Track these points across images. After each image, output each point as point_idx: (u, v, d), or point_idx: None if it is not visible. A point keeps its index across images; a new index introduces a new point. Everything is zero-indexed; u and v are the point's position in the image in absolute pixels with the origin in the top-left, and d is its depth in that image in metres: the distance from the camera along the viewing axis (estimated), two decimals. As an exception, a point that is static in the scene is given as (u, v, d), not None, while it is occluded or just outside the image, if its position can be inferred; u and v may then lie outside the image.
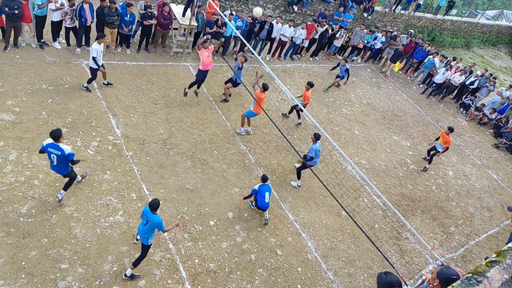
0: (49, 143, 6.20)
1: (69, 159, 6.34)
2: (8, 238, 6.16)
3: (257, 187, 7.79)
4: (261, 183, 7.87)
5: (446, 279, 3.70)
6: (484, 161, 13.71)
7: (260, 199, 7.81)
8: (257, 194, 7.82)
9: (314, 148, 8.80)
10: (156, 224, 5.75)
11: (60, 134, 6.15)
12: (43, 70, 9.68)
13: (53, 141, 6.17)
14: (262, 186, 7.82)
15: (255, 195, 7.88)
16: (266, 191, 7.82)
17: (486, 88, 16.05)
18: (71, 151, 6.30)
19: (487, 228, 10.67)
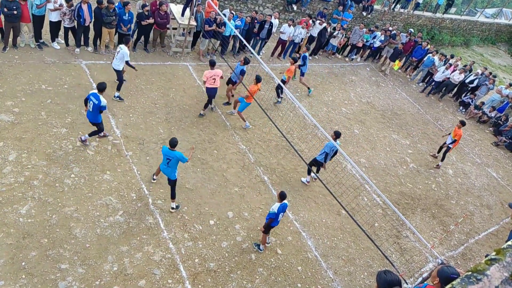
0: (93, 92, 7.51)
1: (101, 110, 7.56)
2: (8, 239, 6.16)
3: (276, 209, 6.81)
4: (279, 202, 6.91)
5: (446, 278, 3.71)
6: (483, 159, 13.72)
7: (275, 221, 7.06)
8: (275, 217, 6.94)
9: (329, 145, 8.71)
10: (179, 158, 7.01)
11: (104, 87, 7.52)
12: (42, 70, 9.67)
13: (97, 91, 7.46)
14: (280, 207, 6.86)
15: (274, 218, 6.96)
16: (281, 212, 6.96)
17: (486, 86, 16.06)
18: (105, 104, 7.49)
19: (487, 226, 10.68)
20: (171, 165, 7.07)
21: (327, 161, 9.17)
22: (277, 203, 6.88)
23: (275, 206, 6.83)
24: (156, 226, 7.23)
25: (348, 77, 15.46)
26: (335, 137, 8.74)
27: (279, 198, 6.93)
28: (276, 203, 6.91)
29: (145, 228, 7.12)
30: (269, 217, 6.94)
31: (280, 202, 6.88)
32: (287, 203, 7.10)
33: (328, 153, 8.88)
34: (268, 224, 7.04)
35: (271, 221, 6.97)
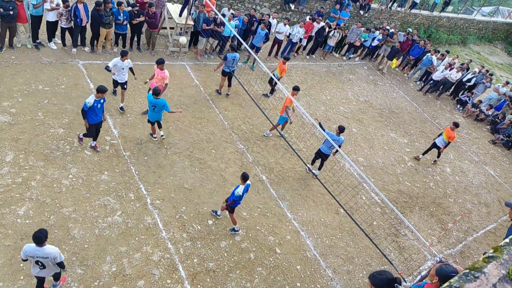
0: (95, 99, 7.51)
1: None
2: (6, 240, 6.14)
3: (241, 192, 6.97)
4: (243, 184, 7.05)
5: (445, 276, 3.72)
6: (481, 157, 13.76)
7: (238, 201, 7.26)
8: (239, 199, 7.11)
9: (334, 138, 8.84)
10: (162, 105, 8.09)
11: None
12: (39, 70, 9.63)
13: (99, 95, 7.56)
14: (244, 189, 7.07)
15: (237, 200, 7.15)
16: (246, 192, 7.20)
17: (483, 85, 16.11)
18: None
19: (485, 224, 10.72)
20: (156, 111, 8.29)
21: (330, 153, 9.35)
22: (241, 185, 7.02)
23: (239, 189, 6.97)
24: (154, 226, 7.22)
25: (346, 76, 15.47)
26: (339, 132, 8.93)
27: (242, 180, 7.05)
28: (240, 185, 7.02)
29: (144, 228, 7.11)
30: (232, 198, 7.09)
31: (244, 184, 7.05)
32: (250, 184, 7.30)
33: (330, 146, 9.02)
34: (229, 204, 7.24)
35: (233, 202, 7.17)
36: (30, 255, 4.98)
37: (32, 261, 5.06)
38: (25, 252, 4.98)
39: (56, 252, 5.03)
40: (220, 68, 10.90)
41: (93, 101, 7.42)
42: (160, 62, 8.92)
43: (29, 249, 4.96)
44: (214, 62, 12.78)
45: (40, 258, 5.02)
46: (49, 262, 5.08)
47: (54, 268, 5.25)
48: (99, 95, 7.49)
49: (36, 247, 4.94)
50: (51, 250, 5.01)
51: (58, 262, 5.11)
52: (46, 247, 4.98)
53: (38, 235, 4.90)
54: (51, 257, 5.02)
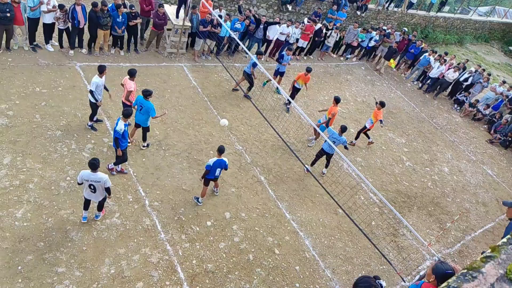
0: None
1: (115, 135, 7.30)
2: (4, 243, 6.12)
3: (211, 163, 7.33)
4: (217, 158, 7.41)
5: (441, 274, 3.72)
6: (479, 156, 13.81)
7: (212, 173, 7.53)
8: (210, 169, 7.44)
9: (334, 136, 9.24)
10: (148, 108, 7.78)
11: (130, 113, 7.28)
12: (36, 73, 9.61)
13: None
14: (216, 162, 7.39)
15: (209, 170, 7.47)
16: (218, 167, 7.49)
17: (480, 84, 16.16)
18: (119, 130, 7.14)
19: (483, 223, 10.75)
20: (143, 112, 8.03)
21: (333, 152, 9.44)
22: (215, 157, 7.44)
23: (211, 160, 7.37)
24: (153, 228, 7.21)
25: (343, 76, 15.50)
26: (341, 132, 9.13)
27: (217, 153, 7.44)
28: (214, 157, 7.46)
29: (142, 230, 7.10)
30: (206, 168, 7.48)
31: (218, 157, 7.42)
32: (226, 161, 7.56)
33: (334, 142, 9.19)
34: (204, 175, 7.57)
35: (206, 172, 7.49)
36: (85, 179, 6.14)
37: (86, 184, 6.22)
38: (81, 176, 6.14)
39: (106, 177, 6.22)
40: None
41: (124, 127, 7.23)
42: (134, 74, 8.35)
43: (85, 174, 6.12)
44: (211, 63, 12.79)
45: (93, 181, 6.17)
46: (99, 186, 6.24)
47: (102, 193, 6.43)
48: (126, 119, 7.24)
49: (90, 172, 6.10)
50: (103, 175, 6.19)
51: (107, 187, 6.28)
52: (99, 173, 6.16)
53: (92, 161, 6.06)
54: (102, 181, 6.17)
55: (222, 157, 7.49)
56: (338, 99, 10.22)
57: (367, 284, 3.86)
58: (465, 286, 1.72)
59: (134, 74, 8.34)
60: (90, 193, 6.38)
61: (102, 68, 8.05)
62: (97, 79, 8.03)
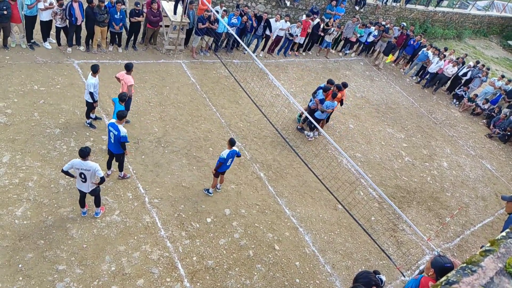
0: (110, 122, 7.07)
1: (122, 141, 7.04)
2: (4, 241, 6.12)
3: (225, 155, 7.37)
4: (229, 150, 7.45)
5: (440, 268, 3.73)
6: (478, 151, 13.82)
7: (224, 165, 7.63)
8: (224, 162, 7.52)
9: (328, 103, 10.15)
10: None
11: (124, 115, 7.04)
12: (34, 70, 9.58)
13: (115, 121, 7.02)
14: (230, 153, 7.44)
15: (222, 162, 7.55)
16: (231, 158, 7.61)
17: (479, 79, 16.15)
18: (125, 135, 6.98)
19: (482, 217, 10.78)
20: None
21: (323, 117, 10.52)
22: (227, 149, 7.45)
23: (224, 152, 7.40)
24: (153, 225, 7.22)
25: (342, 72, 15.48)
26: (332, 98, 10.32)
27: (228, 145, 7.47)
28: (226, 149, 7.46)
29: (142, 227, 7.11)
30: (219, 161, 7.49)
31: (230, 149, 7.47)
32: (237, 150, 7.67)
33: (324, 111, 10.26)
34: (217, 168, 7.62)
35: (220, 165, 7.54)
36: (76, 167, 6.11)
37: (77, 172, 6.19)
38: (72, 164, 6.09)
39: (97, 166, 6.17)
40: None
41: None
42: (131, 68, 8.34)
43: (76, 162, 6.10)
44: (210, 60, 12.76)
45: (84, 170, 6.13)
46: (90, 175, 6.19)
47: (92, 184, 6.37)
48: (119, 121, 7.01)
49: (81, 160, 6.07)
50: (93, 164, 6.17)
51: (101, 177, 6.22)
52: (89, 162, 6.14)
53: (83, 149, 6.06)
54: (92, 170, 6.14)
55: (234, 148, 7.56)
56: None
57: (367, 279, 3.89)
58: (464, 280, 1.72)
59: (131, 68, 8.36)
60: (81, 183, 6.32)
61: (95, 68, 8.01)
62: (93, 79, 8.03)
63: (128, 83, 8.26)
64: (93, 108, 8.61)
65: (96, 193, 6.64)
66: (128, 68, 8.33)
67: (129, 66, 8.34)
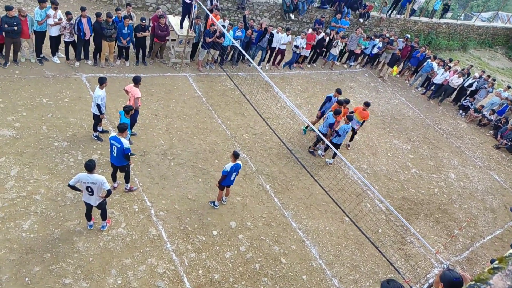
0: (112, 135, 7.04)
1: (126, 153, 7.04)
2: (11, 254, 6.14)
3: (228, 168, 7.38)
4: (233, 163, 7.44)
5: (449, 282, 3.68)
6: (485, 162, 13.70)
7: (227, 178, 7.63)
8: (227, 175, 7.51)
9: (343, 128, 9.93)
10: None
11: (125, 128, 7.02)
12: (42, 84, 9.73)
13: (116, 134, 7.02)
14: (233, 167, 7.45)
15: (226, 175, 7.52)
16: (234, 172, 7.60)
17: (485, 90, 16.10)
18: (128, 147, 7.02)
19: (491, 229, 10.63)
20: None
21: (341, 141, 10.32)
22: (231, 162, 7.44)
23: (228, 165, 7.40)
24: (159, 238, 7.21)
25: (347, 83, 15.52)
26: (348, 121, 9.97)
27: (232, 157, 7.44)
28: (230, 162, 7.46)
29: (148, 240, 7.10)
30: (222, 174, 7.50)
31: (234, 162, 7.45)
32: (240, 164, 7.67)
33: (340, 134, 10.00)
34: (221, 181, 7.62)
35: (223, 178, 7.53)
36: (82, 181, 6.12)
37: (83, 186, 6.19)
38: (78, 178, 6.11)
39: (103, 179, 6.20)
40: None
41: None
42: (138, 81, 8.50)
43: (82, 176, 6.12)
44: (215, 73, 12.88)
45: (90, 183, 6.15)
46: (97, 188, 6.21)
47: (99, 197, 6.39)
48: (120, 134, 7.02)
49: (87, 174, 6.10)
50: (99, 177, 6.19)
51: (107, 189, 6.24)
52: (95, 175, 6.17)
53: (88, 163, 6.10)
54: (99, 183, 6.17)
55: (237, 162, 7.55)
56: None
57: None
58: None
59: (139, 81, 8.54)
60: (89, 196, 6.33)
61: (102, 80, 8.16)
62: (100, 91, 8.15)
63: (135, 96, 8.36)
64: (100, 120, 8.71)
65: (102, 206, 6.66)
66: (136, 81, 8.46)
67: (137, 79, 8.48)
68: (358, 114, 10.97)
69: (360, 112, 10.94)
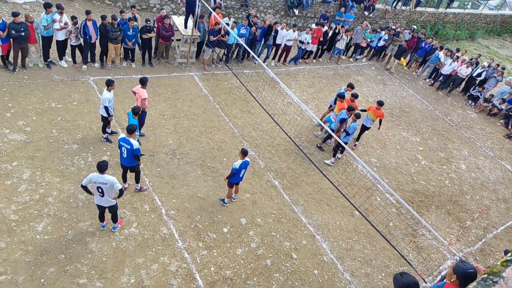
0: (121, 137, 7.13)
1: (136, 154, 7.11)
2: (26, 256, 6.25)
3: (238, 166, 7.42)
4: (241, 160, 7.48)
5: (463, 274, 3.65)
6: (496, 152, 13.52)
7: (236, 176, 7.68)
8: (236, 172, 7.55)
9: (353, 126, 9.74)
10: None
11: (134, 129, 7.10)
12: (51, 89, 9.85)
13: (125, 135, 7.06)
14: (242, 164, 7.50)
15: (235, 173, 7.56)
16: (243, 169, 7.66)
17: (494, 79, 15.86)
18: (138, 147, 7.10)
19: (504, 220, 10.50)
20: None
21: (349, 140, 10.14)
22: (240, 160, 7.49)
23: (237, 163, 7.43)
24: (170, 236, 7.27)
25: (354, 77, 15.42)
26: (356, 119, 9.75)
27: (241, 155, 7.51)
28: (239, 160, 7.50)
29: (160, 239, 7.17)
30: (231, 172, 7.53)
31: (242, 159, 7.51)
32: (249, 161, 7.70)
33: (350, 133, 9.85)
34: (229, 177, 7.65)
35: (232, 175, 7.55)
36: (93, 181, 6.18)
37: (94, 187, 6.25)
38: (90, 179, 6.19)
39: (114, 179, 6.24)
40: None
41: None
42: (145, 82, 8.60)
43: (93, 176, 6.19)
44: (221, 71, 12.91)
45: (101, 184, 6.18)
46: (107, 189, 6.25)
47: (111, 197, 6.43)
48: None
49: (99, 174, 6.16)
50: (110, 177, 6.23)
51: (119, 189, 6.30)
52: (106, 175, 6.21)
53: (101, 163, 6.18)
54: (109, 183, 6.19)
55: (246, 159, 7.61)
56: (341, 95, 10.72)
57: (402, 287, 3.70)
58: None
59: (146, 82, 8.62)
60: (100, 198, 6.37)
61: (109, 82, 8.24)
62: (108, 94, 8.21)
63: (142, 97, 8.42)
64: (109, 122, 8.80)
65: (114, 209, 6.74)
66: (142, 82, 8.53)
67: (144, 80, 8.55)
68: (372, 113, 10.68)
69: (373, 111, 10.62)
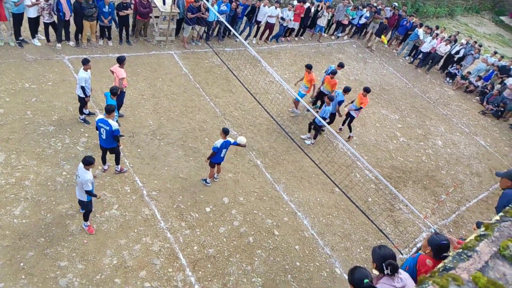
0: (99, 118, 6.98)
1: (115, 135, 7.05)
2: (4, 241, 6.16)
3: (218, 145, 7.43)
4: (223, 139, 7.49)
5: (437, 245, 3.80)
6: (472, 128, 13.92)
7: (218, 155, 7.68)
8: (217, 151, 7.55)
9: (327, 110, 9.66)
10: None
11: (113, 109, 6.99)
12: (24, 68, 9.48)
13: (103, 116, 6.94)
14: (223, 143, 7.49)
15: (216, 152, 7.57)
16: (224, 148, 7.64)
17: (471, 56, 16.14)
18: (117, 128, 7.03)
19: (477, 193, 10.93)
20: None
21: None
22: (221, 139, 7.50)
23: (218, 142, 7.46)
24: (152, 217, 7.28)
25: (335, 55, 15.41)
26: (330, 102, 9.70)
27: (222, 134, 7.52)
28: (220, 139, 7.51)
29: (142, 220, 7.17)
30: (212, 151, 7.56)
31: (224, 139, 7.51)
32: (230, 141, 7.66)
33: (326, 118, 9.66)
34: (210, 157, 7.68)
35: (213, 154, 7.57)
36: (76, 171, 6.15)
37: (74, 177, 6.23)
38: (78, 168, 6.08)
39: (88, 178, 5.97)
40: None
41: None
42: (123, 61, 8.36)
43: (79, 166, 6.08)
44: (201, 49, 12.66)
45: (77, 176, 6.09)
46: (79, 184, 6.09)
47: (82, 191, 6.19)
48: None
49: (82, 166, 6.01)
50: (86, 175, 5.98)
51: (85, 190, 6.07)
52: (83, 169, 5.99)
53: (87, 158, 6.01)
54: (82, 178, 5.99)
55: (228, 138, 7.58)
56: (309, 66, 10.66)
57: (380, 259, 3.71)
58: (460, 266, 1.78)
59: (123, 61, 8.37)
60: (76, 187, 6.31)
61: (85, 61, 8.00)
62: (84, 73, 7.98)
63: (119, 76, 8.22)
64: (86, 103, 8.58)
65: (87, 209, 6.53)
66: (120, 61, 8.30)
67: (121, 59, 8.32)
68: (358, 99, 10.57)
69: (360, 97, 10.51)
